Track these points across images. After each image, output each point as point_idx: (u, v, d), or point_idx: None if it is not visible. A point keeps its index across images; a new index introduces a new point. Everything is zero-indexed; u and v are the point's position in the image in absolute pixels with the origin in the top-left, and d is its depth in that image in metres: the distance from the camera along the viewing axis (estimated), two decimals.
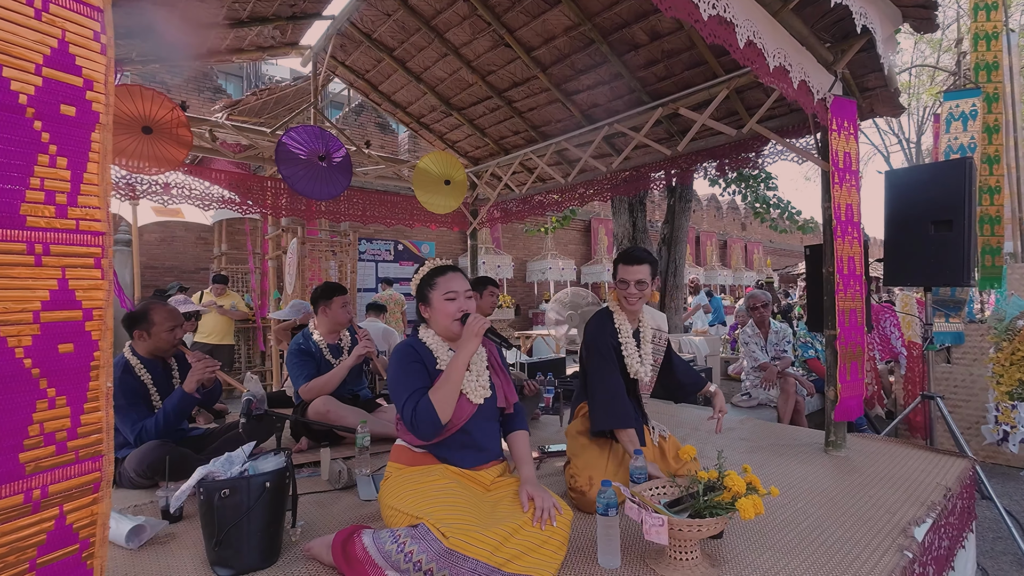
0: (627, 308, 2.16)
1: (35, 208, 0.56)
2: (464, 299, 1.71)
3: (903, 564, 1.56)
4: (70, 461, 0.57)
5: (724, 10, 1.79)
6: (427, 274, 1.77)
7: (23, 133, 0.55)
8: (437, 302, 1.71)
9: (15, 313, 0.54)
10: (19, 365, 0.53)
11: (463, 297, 1.71)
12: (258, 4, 3.31)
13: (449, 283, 1.71)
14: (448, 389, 1.57)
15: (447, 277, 1.73)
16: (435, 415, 1.53)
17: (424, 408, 1.53)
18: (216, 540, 1.54)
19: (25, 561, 0.53)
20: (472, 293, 1.76)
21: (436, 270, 1.77)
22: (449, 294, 1.70)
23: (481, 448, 1.70)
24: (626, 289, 2.10)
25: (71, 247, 0.58)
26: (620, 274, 2.13)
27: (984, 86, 4.39)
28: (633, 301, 2.10)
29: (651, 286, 2.13)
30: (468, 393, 1.64)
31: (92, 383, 0.58)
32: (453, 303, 1.69)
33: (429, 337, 1.75)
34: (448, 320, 1.69)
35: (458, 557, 1.31)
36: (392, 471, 1.68)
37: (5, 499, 0.52)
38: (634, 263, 2.10)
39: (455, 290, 1.71)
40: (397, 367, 1.67)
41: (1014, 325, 3.06)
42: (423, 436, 1.59)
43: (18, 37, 0.55)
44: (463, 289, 1.72)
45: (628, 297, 2.11)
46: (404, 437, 1.71)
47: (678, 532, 1.46)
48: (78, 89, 0.60)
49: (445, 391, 1.56)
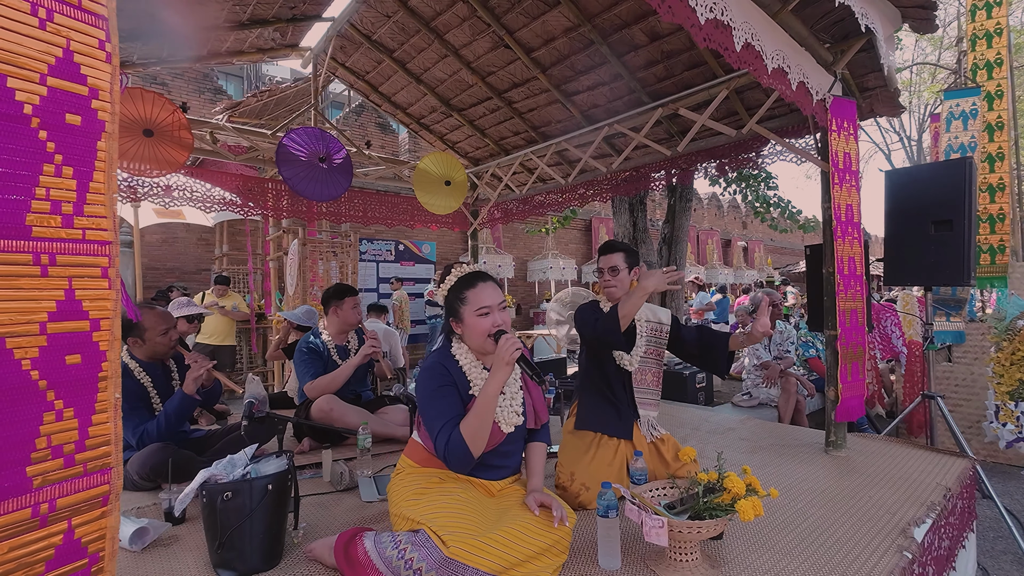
0: (609, 297, 2.21)
1: (41, 218, 0.56)
2: (498, 312, 1.59)
3: (903, 564, 1.56)
4: (78, 474, 0.57)
5: (722, 12, 1.80)
6: (455, 286, 1.65)
7: (28, 143, 0.56)
8: (469, 319, 1.60)
9: (21, 324, 0.54)
10: (26, 377, 0.54)
11: (497, 311, 1.59)
12: (258, 6, 3.31)
13: (480, 297, 1.59)
14: (480, 424, 1.48)
15: (477, 290, 1.61)
16: (467, 451, 1.46)
17: (456, 443, 1.46)
18: (219, 542, 1.54)
19: None
20: (506, 304, 1.67)
21: (464, 281, 1.64)
22: (482, 310, 1.58)
23: (500, 467, 1.65)
24: (601, 277, 2.20)
25: (78, 257, 0.58)
26: (599, 264, 2.23)
27: (985, 84, 4.38)
28: (610, 288, 2.18)
29: (629, 274, 2.19)
30: (500, 422, 1.57)
31: (100, 394, 0.59)
32: (487, 319, 1.58)
33: (462, 355, 1.64)
34: (482, 338, 1.58)
35: (458, 566, 1.31)
36: (404, 467, 1.67)
37: (12, 513, 0.52)
38: (607, 252, 2.22)
39: (488, 305, 1.59)
40: (429, 388, 1.58)
41: (1014, 325, 3.06)
42: (455, 469, 1.54)
43: (22, 47, 0.55)
44: (496, 302, 1.60)
45: (604, 284, 2.20)
46: (422, 437, 1.67)
47: (678, 534, 1.46)
48: (83, 98, 0.60)
49: (477, 426, 1.48)
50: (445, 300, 1.68)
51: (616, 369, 2.16)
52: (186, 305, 3.95)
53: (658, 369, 2.27)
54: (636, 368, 2.17)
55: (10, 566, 0.51)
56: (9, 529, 0.52)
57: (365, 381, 3.30)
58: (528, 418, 1.68)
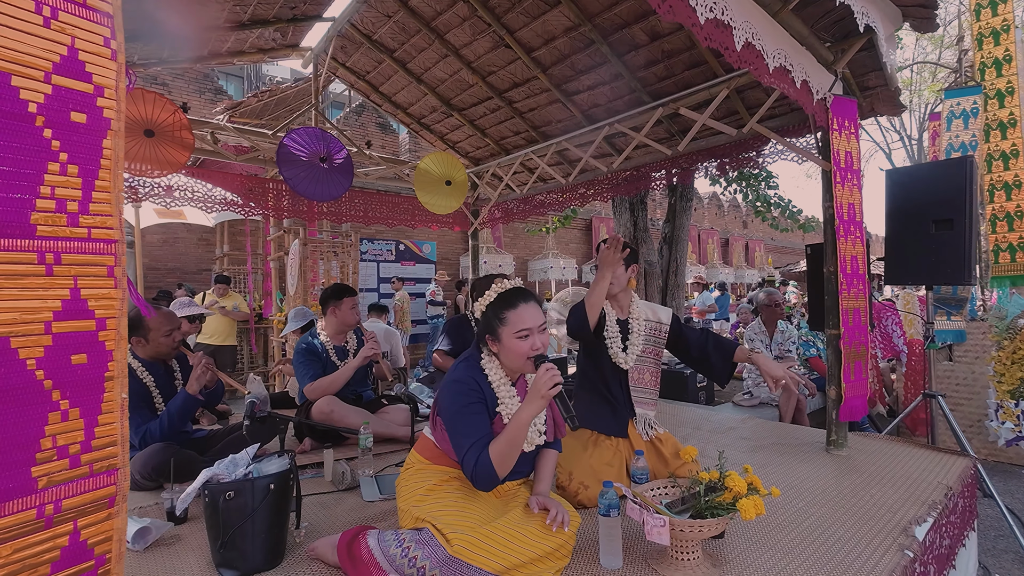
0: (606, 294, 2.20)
1: (46, 217, 0.56)
2: (538, 335, 1.53)
3: (904, 563, 1.56)
4: (84, 475, 0.56)
5: (722, 12, 1.80)
6: (495, 303, 1.58)
7: (33, 141, 0.56)
8: (508, 340, 1.53)
9: (26, 324, 0.54)
10: (31, 376, 0.54)
11: (537, 333, 1.53)
12: (259, 7, 3.31)
13: (522, 318, 1.52)
14: (510, 451, 1.45)
15: (519, 311, 1.53)
16: (494, 473, 1.43)
17: (484, 465, 1.43)
18: (221, 542, 1.54)
19: None
20: (546, 326, 1.58)
21: (505, 301, 1.56)
22: (522, 332, 1.51)
23: (513, 472, 1.62)
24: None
25: (83, 256, 0.58)
26: (596, 262, 2.22)
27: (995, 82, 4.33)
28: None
29: (626, 271, 2.19)
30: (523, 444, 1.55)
31: (107, 394, 0.58)
32: (526, 341, 1.51)
33: (492, 371, 1.59)
34: (520, 361, 1.53)
35: (462, 565, 1.31)
36: (414, 462, 1.67)
37: (18, 514, 0.51)
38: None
39: (529, 327, 1.51)
40: (459, 403, 1.52)
41: (1015, 324, 3.06)
42: (481, 488, 1.51)
43: (27, 46, 0.55)
44: (537, 324, 1.53)
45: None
46: (436, 436, 1.65)
47: (679, 533, 1.46)
48: (89, 96, 0.60)
49: (506, 452, 1.44)
50: (483, 315, 1.61)
51: (612, 367, 2.16)
52: (187, 305, 3.95)
53: (656, 368, 2.26)
54: (633, 367, 2.17)
55: (14, 568, 0.51)
56: (14, 530, 0.51)
57: (366, 381, 3.30)
58: (548, 433, 1.66)
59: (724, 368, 2.21)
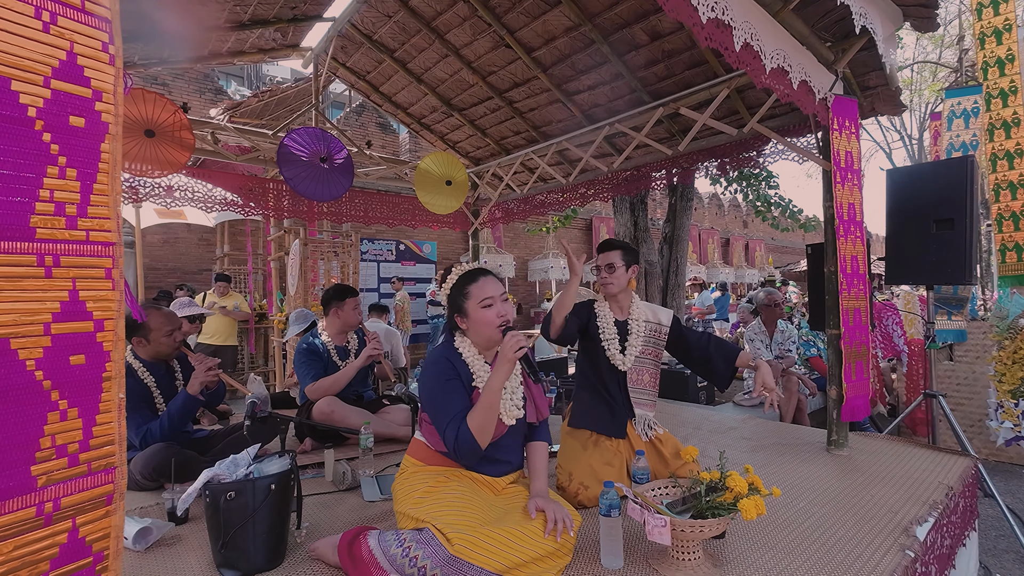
0: (606, 294, 2.22)
1: (45, 220, 0.56)
2: (501, 303, 1.64)
3: (905, 563, 1.56)
4: (82, 473, 0.57)
5: (723, 12, 1.79)
6: (457, 282, 1.69)
7: (32, 145, 0.56)
8: (474, 312, 1.63)
9: (26, 325, 0.54)
10: (30, 377, 0.54)
11: (500, 301, 1.64)
12: (259, 7, 3.31)
13: (483, 289, 1.63)
14: (486, 417, 1.52)
15: (479, 284, 1.65)
16: (476, 444, 1.50)
17: (465, 438, 1.49)
18: (222, 542, 1.55)
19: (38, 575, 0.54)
20: (507, 296, 1.69)
21: (467, 277, 1.68)
22: (485, 301, 1.62)
23: (503, 461, 1.68)
24: (599, 274, 2.21)
25: (81, 258, 0.59)
26: (596, 261, 2.24)
27: (998, 81, 4.32)
28: (607, 285, 2.19)
29: (627, 271, 2.20)
30: (502, 415, 1.60)
31: (104, 394, 0.59)
32: (491, 310, 1.62)
33: (465, 348, 1.68)
34: (490, 329, 1.62)
35: (463, 564, 1.31)
36: (408, 466, 1.68)
37: (17, 512, 0.52)
38: (605, 249, 2.23)
39: (491, 295, 1.63)
40: (434, 382, 1.61)
41: (1016, 324, 3.06)
42: (465, 463, 1.58)
43: (26, 51, 0.56)
44: (498, 293, 1.64)
45: (602, 283, 2.20)
46: (426, 435, 1.69)
47: (680, 533, 1.46)
48: (87, 100, 0.61)
49: (483, 419, 1.51)
50: (448, 298, 1.71)
51: (610, 368, 2.16)
52: (188, 305, 3.96)
53: (655, 370, 2.25)
54: (631, 368, 2.16)
55: (14, 564, 0.52)
56: (14, 528, 0.52)
57: (367, 381, 3.30)
58: (528, 412, 1.71)
59: (726, 371, 2.20)
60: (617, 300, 2.23)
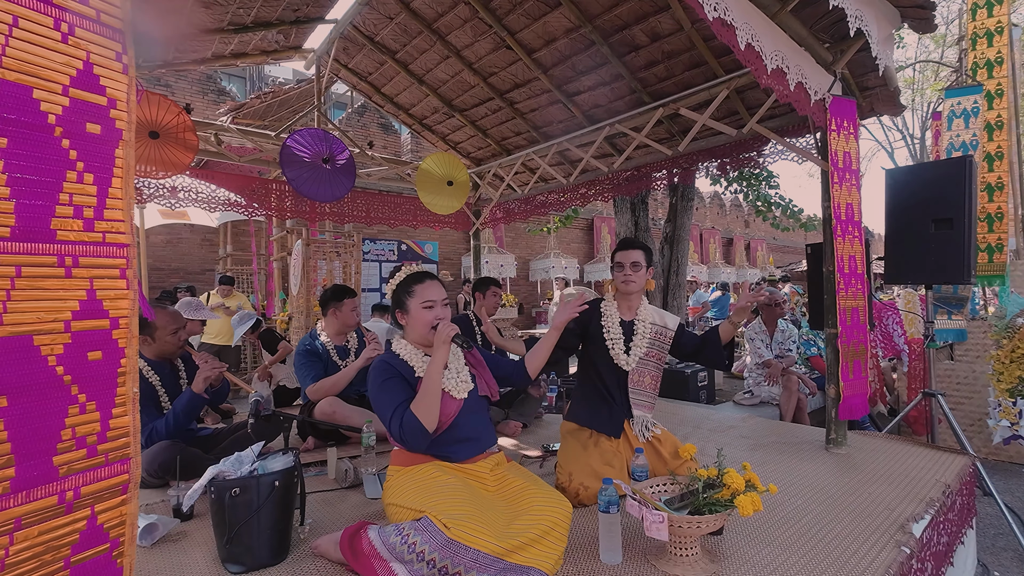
0: (623, 293, 2.23)
1: (64, 222, 0.59)
2: (441, 308, 1.75)
3: (900, 559, 1.58)
4: (100, 464, 0.60)
5: (724, 12, 1.82)
6: (405, 280, 1.80)
7: (52, 151, 0.59)
8: (415, 310, 1.75)
9: (48, 323, 0.57)
10: (52, 372, 0.57)
11: (440, 306, 1.75)
12: (262, 9, 3.34)
13: (427, 292, 1.75)
14: (428, 399, 1.60)
15: (425, 285, 1.76)
16: (421, 426, 1.58)
17: (410, 421, 1.58)
18: (227, 538, 1.57)
19: (60, 560, 0.56)
20: (448, 301, 1.80)
21: (414, 277, 1.80)
22: (427, 303, 1.73)
23: (473, 439, 1.74)
24: (622, 271, 2.20)
25: (98, 259, 0.61)
26: (617, 259, 2.24)
27: (986, 83, 4.37)
28: (629, 283, 2.19)
29: (646, 272, 2.22)
30: (450, 391, 1.69)
31: (120, 388, 0.62)
32: (431, 311, 1.73)
33: (403, 348, 1.78)
34: (425, 328, 1.72)
35: (460, 547, 1.35)
36: (392, 473, 1.71)
37: (40, 500, 0.55)
38: (629, 248, 2.24)
39: (433, 299, 1.74)
40: (376, 385, 1.70)
41: (1014, 323, 3.07)
42: (414, 447, 1.64)
43: (47, 60, 0.58)
44: (440, 298, 1.76)
45: (625, 280, 2.19)
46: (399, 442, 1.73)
47: (678, 529, 1.48)
48: (102, 108, 0.63)
49: (426, 401, 1.60)
50: (393, 294, 1.82)
51: (611, 367, 2.17)
52: (196, 308, 3.99)
53: (657, 372, 2.25)
54: (634, 368, 2.17)
55: (39, 549, 0.54)
56: (38, 515, 0.55)
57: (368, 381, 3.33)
58: (479, 386, 1.82)
59: (718, 350, 2.22)
60: (629, 299, 2.24)
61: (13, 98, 0.55)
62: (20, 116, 0.56)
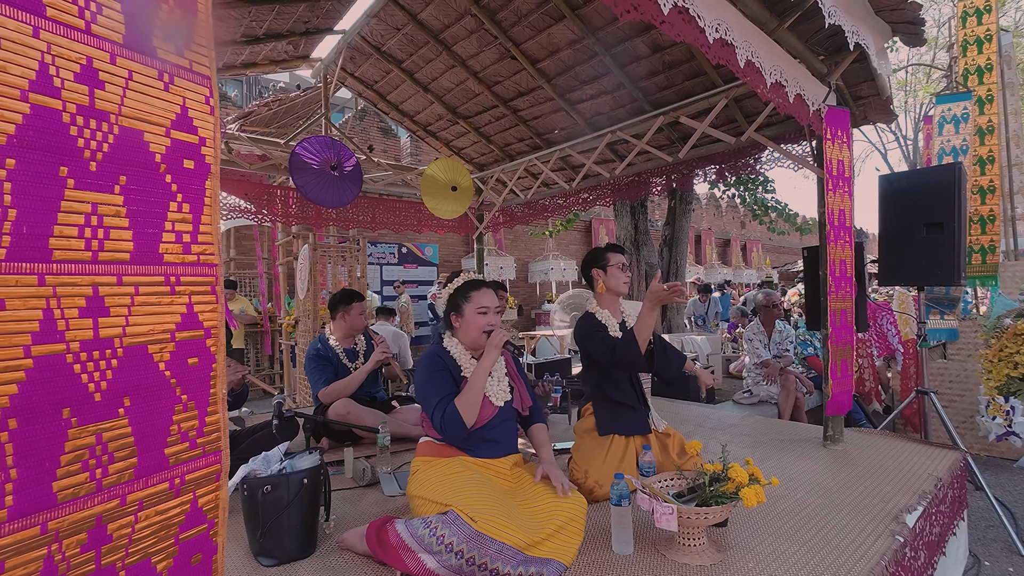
0: (615, 295, 2.33)
1: (168, 247, 0.68)
2: (493, 314, 1.86)
3: (895, 548, 1.68)
4: (199, 455, 0.69)
5: (725, 33, 1.93)
6: (463, 286, 1.91)
7: (159, 186, 0.68)
8: (469, 314, 1.85)
9: (158, 334, 0.66)
10: (162, 376, 0.66)
11: (493, 312, 1.86)
12: (274, 21, 3.43)
13: (483, 298, 1.86)
14: (472, 396, 1.73)
15: (482, 292, 1.88)
16: (461, 420, 1.70)
17: (451, 414, 1.70)
18: (260, 532, 1.66)
19: (171, 536, 0.66)
20: (501, 308, 1.91)
21: (472, 283, 1.91)
22: (482, 308, 1.85)
23: (499, 443, 1.86)
24: (624, 273, 2.32)
25: (194, 277, 0.71)
26: (615, 262, 2.32)
27: (976, 89, 4.51)
28: (627, 283, 2.33)
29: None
30: (491, 396, 1.81)
31: (212, 390, 0.71)
32: (484, 317, 1.84)
33: (453, 347, 1.89)
34: (477, 332, 1.84)
35: (487, 540, 1.43)
36: (420, 465, 1.80)
37: (156, 486, 0.64)
38: (622, 252, 2.38)
39: (487, 306, 1.85)
40: (425, 373, 1.82)
41: (1001, 323, 3.19)
42: (451, 438, 1.75)
43: (154, 107, 0.68)
44: (494, 305, 1.87)
45: (626, 281, 2.32)
46: (429, 433, 1.85)
47: (686, 520, 1.58)
48: (195, 145, 0.72)
49: (470, 398, 1.72)
50: (450, 296, 1.93)
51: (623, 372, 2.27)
52: None
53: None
54: None
55: (156, 527, 0.64)
56: (155, 498, 0.64)
57: (377, 383, 3.41)
58: (514, 399, 1.92)
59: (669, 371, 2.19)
60: (613, 302, 2.34)
61: (131, 142, 0.64)
62: (136, 157, 0.65)
